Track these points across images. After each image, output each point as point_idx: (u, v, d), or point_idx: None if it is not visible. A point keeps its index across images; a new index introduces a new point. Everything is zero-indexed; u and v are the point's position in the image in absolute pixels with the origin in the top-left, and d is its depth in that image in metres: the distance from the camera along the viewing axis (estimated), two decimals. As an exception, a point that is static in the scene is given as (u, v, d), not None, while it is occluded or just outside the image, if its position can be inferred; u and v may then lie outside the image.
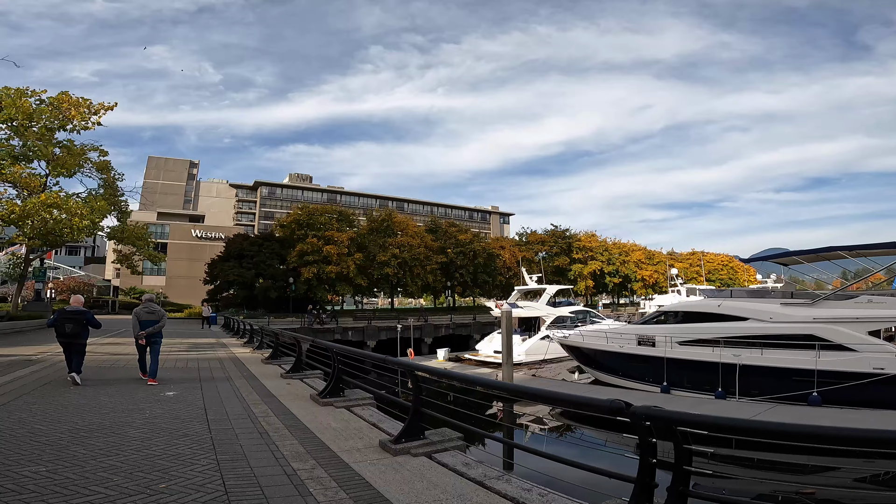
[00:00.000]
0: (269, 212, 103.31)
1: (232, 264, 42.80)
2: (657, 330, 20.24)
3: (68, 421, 5.95)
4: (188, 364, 12.08)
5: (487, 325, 45.86)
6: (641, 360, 19.55)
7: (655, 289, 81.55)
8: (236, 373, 10.66)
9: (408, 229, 49.68)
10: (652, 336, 20.08)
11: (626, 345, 20.81)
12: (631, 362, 20.03)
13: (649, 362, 19.00)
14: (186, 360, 13.03)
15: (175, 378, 9.69)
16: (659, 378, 18.39)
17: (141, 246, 26.34)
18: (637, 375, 19.62)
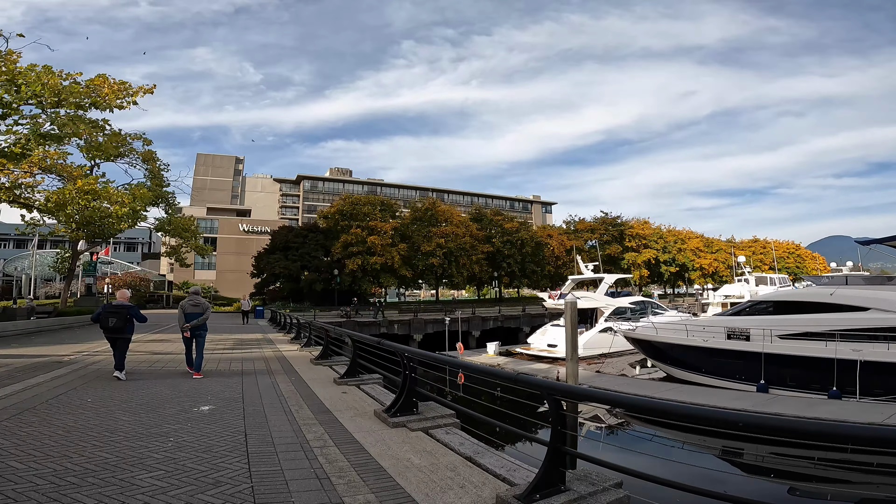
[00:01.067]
0: (312, 205, 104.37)
1: (277, 256, 42.48)
2: (752, 322, 17.98)
3: (56, 458, 4.44)
4: (231, 365, 10.76)
5: (537, 316, 43.69)
6: (731, 355, 17.52)
7: (715, 278, 76.25)
8: (283, 378, 9.17)
9: (452, 218, 47.91)
10: (746, 329, 17.77)
11: (711, 339, 18.67)
12: (718, 358, 18.09)
13: (741, 358, 17.19)
14: (230, 359, 11.77)
15: (214, 386, 8.28)
16: (753, 376, 16.56)
17: (187, 238, 25.85)
18: (725, 373, 17.58)
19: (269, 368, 10.33)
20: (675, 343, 19.96)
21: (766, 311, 18.56)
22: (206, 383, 8.47)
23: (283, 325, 23.94)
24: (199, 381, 8.57)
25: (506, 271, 48.87)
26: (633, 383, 20.48)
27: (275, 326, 26.08)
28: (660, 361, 21.81)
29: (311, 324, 14.00)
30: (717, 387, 17.32)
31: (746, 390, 16.41)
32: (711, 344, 18.45)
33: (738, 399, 15.80)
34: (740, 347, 17.52)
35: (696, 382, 18.29)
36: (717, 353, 18.09)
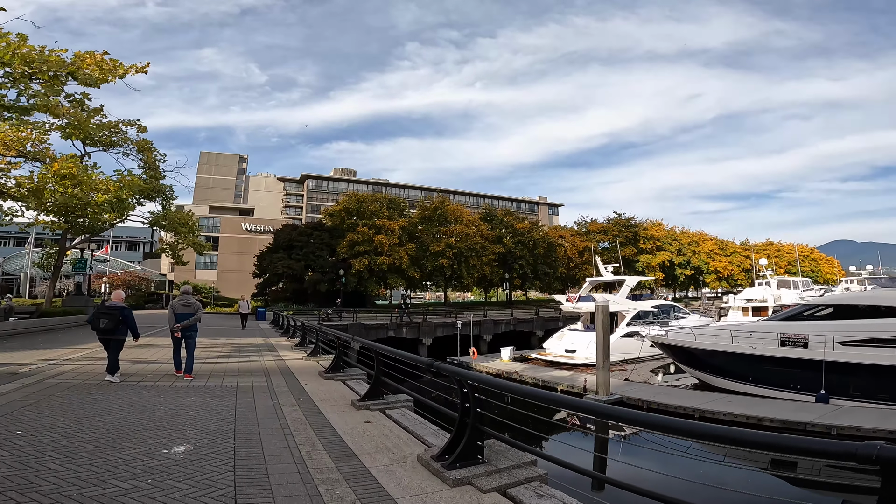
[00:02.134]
0: (316, 205, 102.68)
1: (280, 256, 40.69)
2: (810, 328, 16.30)
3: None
4: (224, 379, 8.91)
5: (550, 320, 41.88)
6: (786, 363, 16.35)
7: (729, 282, 74.14)
8: (288, 398, 7.33)
9: (462, 218, 46.07)
10: (804, 335, 16.00)
11: (759, 345, 17.26)
12: (769, 366, 16.77)
13: (798, 367, 16.09)
14: (224, 371, 9.93)
15: (198, 410, 6.43)
16: (811, 385, 15.49)
17: (184, 233, 24.05)
18: (777, 382, 16.47)
19: (271, 384, 8.48)
20: (719, 350, 18.43)
21: (824, 315, 16.91)
22: (190, 404, 6.64)
23: (285, 328, 22.13)
24: (180, 403, 6.75)
25: (517, 273, 46.96)
26: (670, 393, 18.79)
27: (277, 330, 24.28)
28: (696, 369, 20.27)
29: (321, 329, 12.15)
30: (767, 397, 16.18)
31: (804, 401, 15.32)
32: (762, 351, 16.99)
33: (801, 410, 14.60)
34: (798, 355, 16.14)
35: (741, 392, 17.05)
36: (768, 361, 16.79)
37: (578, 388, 20.40)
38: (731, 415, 15.04)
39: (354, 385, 8.22)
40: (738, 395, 16.91)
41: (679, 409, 16.32)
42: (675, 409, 16.40)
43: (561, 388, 21.41)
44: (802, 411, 14.57)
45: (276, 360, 11.87)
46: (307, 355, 12.05)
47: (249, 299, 25.74)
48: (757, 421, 14.50)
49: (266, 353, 13.50)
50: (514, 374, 24.96)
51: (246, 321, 23.57)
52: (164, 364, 10.35)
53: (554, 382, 22.10)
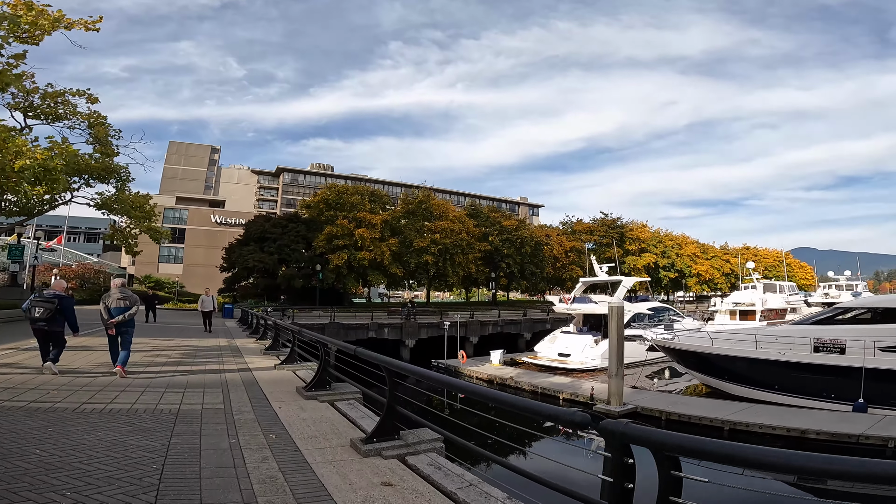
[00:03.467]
0: (292, 199, 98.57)
1: (252, 248, 37.53)
2: (845, 332, 14.77)
3: None
4: (164, 396, 6.36)
5: (538, 322, 40.20)
6: (819, 370, 15.25)
7: (710, 285, 74.17)
8: (254, 433, 4.89)
9: (448, 213, 43.81)
10: (840, 340, 14.45)
11: (788, 351, 16.10)
12: (800, 373, 15.66)
13: (833, 374, 15.00)
14: (166, 384, 7.36)
15: (108, 444, 3.97)
16: (847, 393, 14.47)
17: (137, 217, 20.96)
18: (809, 390, 15.43)
19: (229, 407, 6.02)
20: (741, 356, 16.79)
21: (860, 319, 15.48)
22: (91, 445, 4.16)
23: (255, 327, 19.41)
24: (75, 442, 4.25)
25: (504, 272, 45.00)
26: (688, 403, 17.29)
27: (245, 329, 21.51)
28: (711, 375, 18.82)
29: (300, 333, 9.67)
30: (796, 406, 15.12)
31: (839, 410, 14.38)
32: (792, 357, 15.49)
33: (844, 421, 13.41)
34: (834, 362, 14.98)
35: (766, 401, 15.95)
36: (799, 368, 15.62)
37: (584, 396, 18.55)
38: (768, 427, 13.55)
39: (350, 411, 5.85)
40: (764, 404, 15.73)
41: (704, 421, 14.76)
42: (700, 421, 14.83)
43: (563, 397, 19.53)
44: (845, 422, 13.26)
45: (241, 368, 9.34)
46: (280, 363, 9.55)
47: (215, 295, 21.78)
48: (800, 433, 13.22)
49: (228, 357, 10.91)
50: (508, 380, 22.93)
51: (210, 322, 19.13)
52: (83, 376, 7.75)
53: (555, 390, 20.15)
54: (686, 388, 21.86)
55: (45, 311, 7.60)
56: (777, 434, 13.25)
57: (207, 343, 14.06)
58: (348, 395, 6.73)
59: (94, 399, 6.18)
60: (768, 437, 13.32)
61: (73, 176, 22.16)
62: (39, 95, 20.99)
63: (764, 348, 16.50)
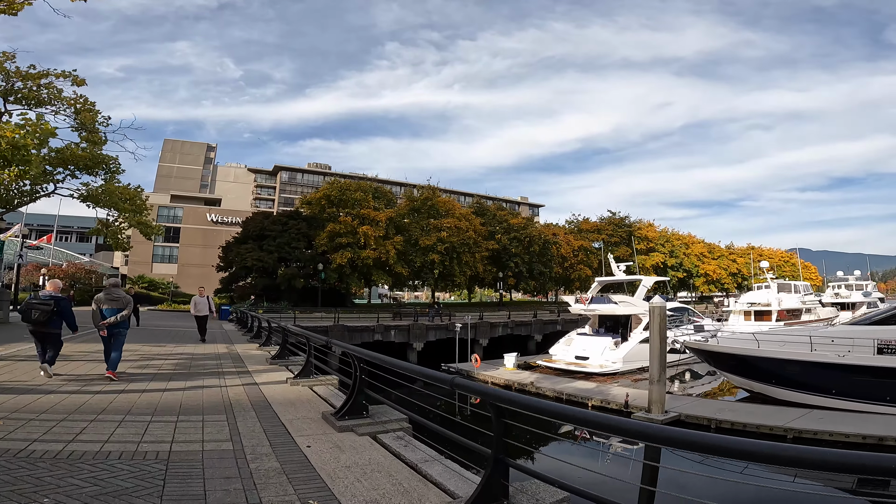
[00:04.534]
0: (289, 198, 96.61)
1: (250, 247, 35.75)
2: None
3: None
4: (147, 432, 4.70)
5: (549, 323, 38.66)
6: (883, 373, 14.18)
7: (717, 285, 72.87)
8: (281, 481, 3.29)
9: (454, 211, 42.17)
10: None
11: (847, 354, 15.03)
12: (861, 377, 14.59)
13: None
14: (154, 407, 5.69)
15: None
16: None
17: (127, 211, 19.22)
18: (871, 394, 14.37)
19: (241, 444, 4.38)
20: (794, 359, 15.52)
21: None
22: None
23: (255, 331, 17.72)
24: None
25: (512, 272, 43.40)
26: (735, 409, 16.05)
27: (245, 332, 19.83)
28: (755, 380, 17.77)
29: (312, 339, 8.03)
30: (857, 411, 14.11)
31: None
32: (853, 360, 14.12)
33: None
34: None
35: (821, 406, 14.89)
36: (861, 371, 14.52)
37: (618, 403, 17.04)
38: (840, 434, 12.33)
39: (405, 451, 4.22)
40: (820, 409, 14.58)
41: (763, 429, 13.43)
42: (758, 429, 13.41)
43: (592, 404, 17.98)
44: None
45: (246, 383, 7.67)
46: (294, 377, 7.89)
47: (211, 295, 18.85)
48: (878, 441, 11.95)
49: (230, 368, 9.25)
50: (528, 385, 21.35)
51: (205, 328, 15.37)
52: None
53: (582, 396, 18.60)
54: (710, 391, 21.01)
55: (41, 314, 7.41)
56: (851, 442, 12.04)
57: (204, 350, 12.37)
58: (392, 423, 5.11)
59: (53, 433, 4.53)
60: (840, 444, 12.07)
61: (58, 166, 20.45)
62: (21, 77, 19.29)
63: (821, 351, 15.13)
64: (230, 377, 8.22)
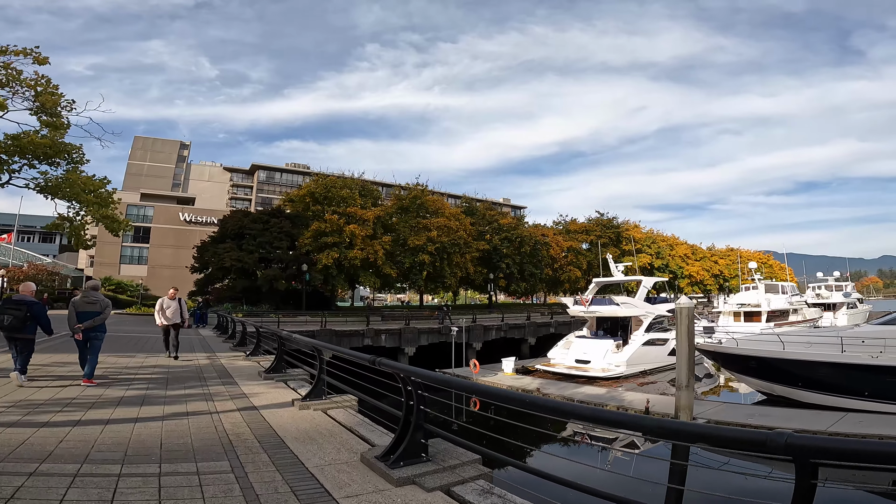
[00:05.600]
0: (267, 198, 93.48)
1: (228, 246, 33.52)
2: None
3: None
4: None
5: (542, 325, 37.58)
6: None
7: (700, 286, 73.34)
8: None
9: (443, 210, 40.73)
10: None
11: (880, 355, 14.41)
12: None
13: None
14: (122, 456, 4.08)
15: None
16: None
17: (91, 203, 17.12)
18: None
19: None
20: (824, 361, 14.74)
21: None
22: None
23: (238, 337, 15.92)
24: None
25: (504, 273, 42.18)
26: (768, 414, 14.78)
27: (225, 339, 17.98)
28: (779, 383, 17.21)
29: (319, 348, 6.48)
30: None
31: None
32: (889, 361, 13.21)
33: None
34: None
35: (856, 409, 14.28)
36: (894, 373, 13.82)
37: (637, 410, 15.89)
38: (892, 437, 11.53)
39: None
40: (854, 412, 13.95)
41: None
42: None
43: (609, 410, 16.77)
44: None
45: (242, 407, 6.07)
46: (303, 398, 6.31)
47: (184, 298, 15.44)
48: (878, 439, 11.08)
49: (217, 386, 7.58)
50: (533, 392, 20.06)
51: (177, 340, 11.20)
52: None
53: (596, 403, 17.35)
54: (707, 392, 20.77)
55: (13, 319, 7.16)
56: None
57: (182, 362, 10.60)
58: (464, 468, 3.65)
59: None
60: None
61: (14, 155, 18.23)
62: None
63: (849, 352, 14.34)
64: (220, 398, 6.59)
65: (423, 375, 3.77)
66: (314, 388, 6.33)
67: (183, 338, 12.88)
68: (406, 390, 3.86)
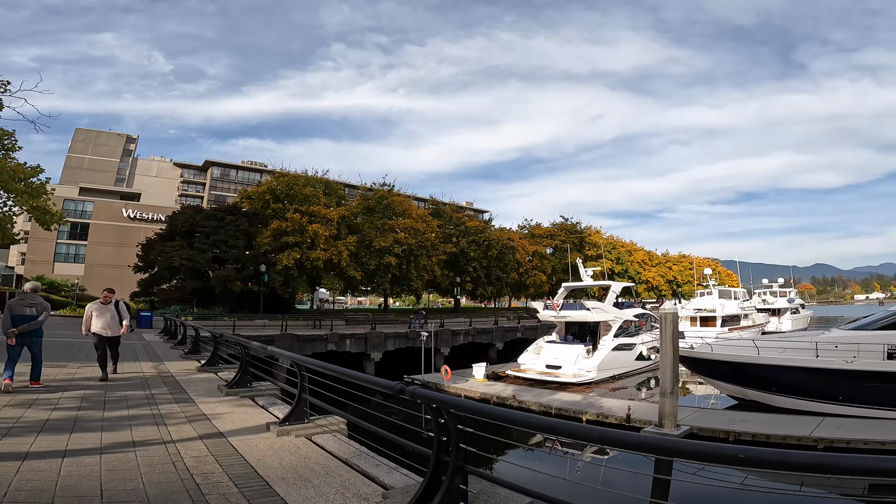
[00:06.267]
0: (221, 195, 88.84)
1: (178, 244, 31.01)
2: None
3: None
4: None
5: (510, 330, 37.23)
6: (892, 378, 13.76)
7: (655, 292, 75.73)
8: None
9: (410, 211, 39.67)
10: None
11: (853, 360, 14.64)
12: (871, 383, 14.20)
13: None
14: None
15: None
16: None
17: (19, 193, 14.93)
18: (880, 400, 14.01)
19: None
20: (800, 366, 14.94)
21: None
22: None
23: (189, 343, 14.27)
24: None
25: (471, 276, 41.56)
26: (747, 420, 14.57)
27: (174, 344, 16.22)
28: (753, 388, 17.42)
29: (300, 364, 5.41)
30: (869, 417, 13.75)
31: None
32: (862, 366, 13.71)
33: None
34: None
35: (830, 413, 14.42)
36: (872, 377, 14.03)
37: (618, 417, 15.52)
38: (877, 442, 11.67)
39: None
40: (831, 416, 14.07)
41: (789, 440, 12.52)
42: (784, 440, 12.49)
43: (587, 418, 16.36)
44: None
45: (206, 433, 4.90)
46: (281, 421, 5.21)
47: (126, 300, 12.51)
48: (881, 445, 11.53)
49: (169, 404, 6.29)
50: (509, 399, 19.40)
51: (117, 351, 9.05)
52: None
53: (574, 410, 16.94)
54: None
55: None
56: (888, 449, 11.36)
57: (123, 373, 9.09)
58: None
59: None
60: (877, 453, 11.31)
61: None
62: None
63: (824, 357, 14.57)
64: (175, 421, 5.37)
65: (469, 408, 2.86)
66: (295, 409, 5.23)
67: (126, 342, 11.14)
68: (438, 423, 2.93)
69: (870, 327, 15.28)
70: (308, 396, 5.42)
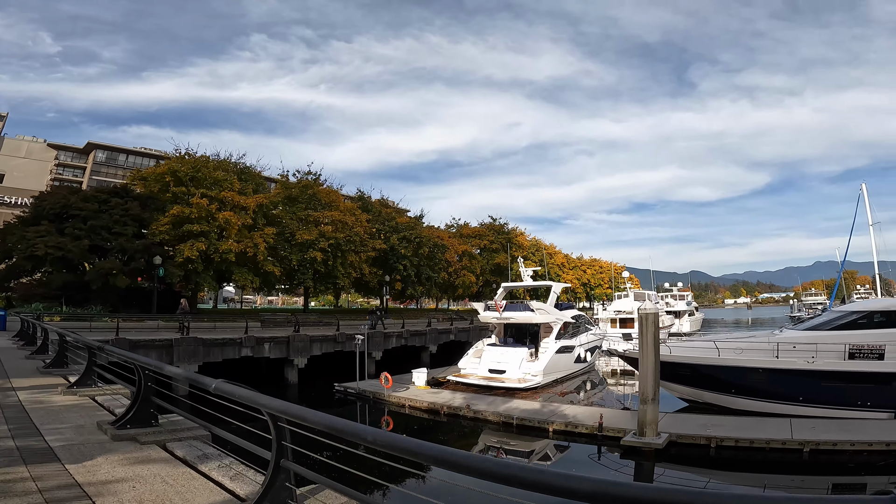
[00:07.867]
0: (105, 181, 76.59)
1: (44, 229, 24.87)
2: (881, 337, 14.10)
3: None
4: None
5: (443, 332, 35.49)
6: (853, 378, 13.91)
7: (573, 294, 78.82)
8: None
9: (337, 203, 36.29)
10: (879, 346, 13.89)
11: (813, 360, 14.53)
12: (831, 382, 14.22)
13: (871, 381, 13.78)
14: None
15: None
16: (882, 401, 13.45)
17: None
18: (841, 399, 14.05)
19: None
20: (759, 367, 14.60)
21: (878, 323, 14.34)
22: None
23: (47, 348, 10.41)
24: None
25: (400, 275, 39.09)
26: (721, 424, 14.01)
27: (28, 351, 12.02)
28: (712, 390, 17.27)
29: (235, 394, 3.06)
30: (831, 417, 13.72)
31: (879, 418, 13.38)
32: (823, 366, 13.82)
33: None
34: (874, 368, 13.69)
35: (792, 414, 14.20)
36: (831, 377, 14.11)
37: (589, 427, 14.21)
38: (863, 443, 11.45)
39: None
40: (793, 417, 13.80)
41: (773, 444, 12.10)
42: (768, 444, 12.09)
43: (554, 429, 14.90)
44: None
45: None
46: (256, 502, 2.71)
47: None
48: (867, 446, 11.38)
49: (14, 466, 3.42)
50: (463, 409, 17.40)
51: None
52: None
53: (539, 420, 15.44)
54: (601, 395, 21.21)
55: None
56: (875, 450, 11.29)
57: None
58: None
59: None
60: (864, 454, 11.31)
61: None
62: None
63: (789, 358, 14.46)
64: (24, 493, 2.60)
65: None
66: (269, 485, 2.73)
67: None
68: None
69: (825, 327, 15.60)
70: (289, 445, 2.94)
